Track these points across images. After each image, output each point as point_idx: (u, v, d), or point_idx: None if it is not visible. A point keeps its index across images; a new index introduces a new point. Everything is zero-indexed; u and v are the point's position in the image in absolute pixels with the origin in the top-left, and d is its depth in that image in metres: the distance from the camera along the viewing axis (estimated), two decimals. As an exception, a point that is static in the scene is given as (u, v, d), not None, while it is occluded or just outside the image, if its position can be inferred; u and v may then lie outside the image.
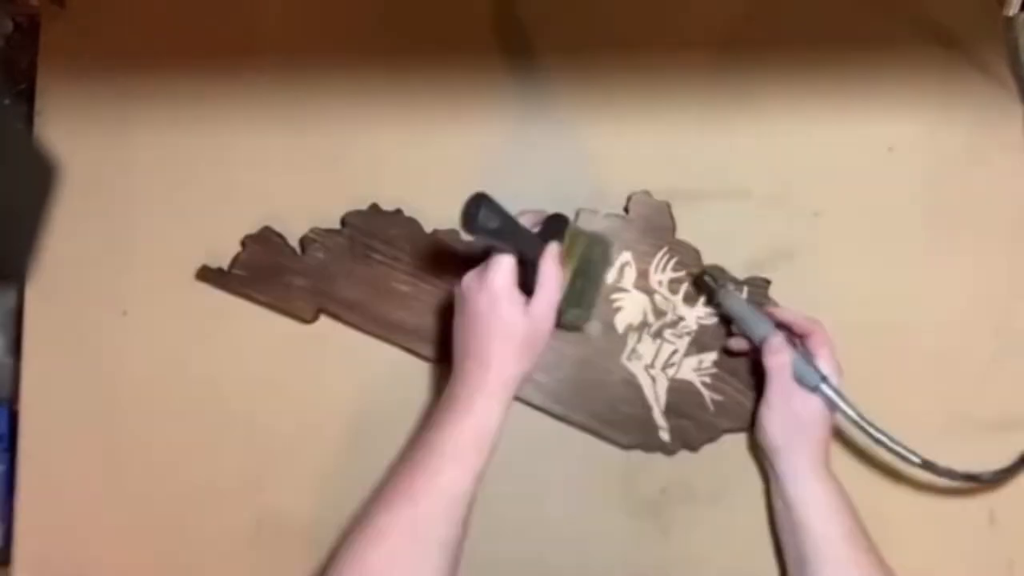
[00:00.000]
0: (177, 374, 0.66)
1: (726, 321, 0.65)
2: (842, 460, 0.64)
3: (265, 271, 0.66)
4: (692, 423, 0.64)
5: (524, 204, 0.67)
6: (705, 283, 0.64)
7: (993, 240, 0.68)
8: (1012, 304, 0.67)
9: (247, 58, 0.70)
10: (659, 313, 0.65)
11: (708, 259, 0.66)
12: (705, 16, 0.70)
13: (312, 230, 0.66)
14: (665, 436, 0.64)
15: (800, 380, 0.59)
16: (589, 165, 0.69)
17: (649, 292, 0.66)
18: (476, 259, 0.58)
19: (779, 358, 0.60)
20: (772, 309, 0.63)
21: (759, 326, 0.61)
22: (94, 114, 0.69)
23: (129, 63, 0.70)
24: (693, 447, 0.64)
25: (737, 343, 0.64)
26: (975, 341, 0.66)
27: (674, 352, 0.65)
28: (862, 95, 0.69)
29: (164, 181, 0.69)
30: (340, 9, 0.71)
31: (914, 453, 0.58)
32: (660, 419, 0.64)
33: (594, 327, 0.65)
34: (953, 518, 0.64)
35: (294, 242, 0.67)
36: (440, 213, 0.66)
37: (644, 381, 0.65)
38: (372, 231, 0.66)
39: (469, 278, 0.57)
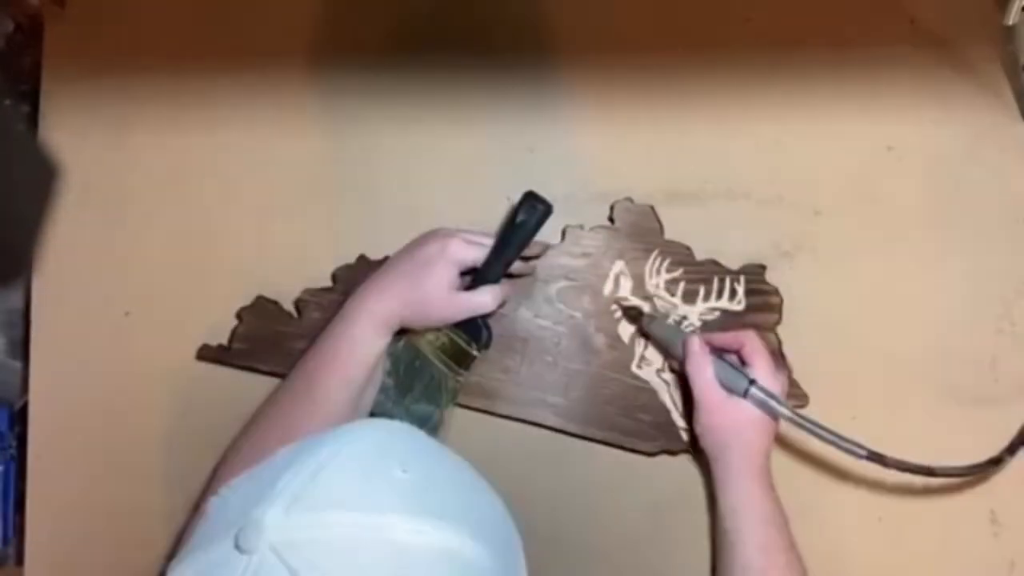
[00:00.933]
0: (179, 374, 0.66)
1: (662, 349, 0.65)
2: (848, 461, 0.64)
3: (265, 340, 0.65)
4: None
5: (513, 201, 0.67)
6: (629, 316, 0.64)
7: (992, 240, 0.68)
8: (1012, 304, 0.67)
9: (248, 59, 0.70)
10: (662, 317, 0.65)
11: (708, 259, 0.66)
12: (705, 16, 0.70)
13: (305, 291, 0.66)
14: (687, 437, 0.64)
15: (729, 387, 0.59)
16: (589, 165, 0.69)
17: (648, 297, 0.66)
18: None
19: (695, 363, 0.60)
20: (702, 334, 0.62)
21: (677, 342, 0.62)
22: (95, 114, 0.69)
23: (130, 64, 0.70)
24: None
25: (671, 363, 0.64)
26: (975, 341, 0.67)
27: None
28: (862, 95, 0.69)
29: (166, 181, 0.69)
30: (341, 9, 0.71)
31: (859, 446, 0.57)
32: (680, 421, 0.64)
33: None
34: (954, 518, 0.64)
35: (289, 306, 0.66)
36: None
37: (658, 386, 0.65)
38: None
39: (446, 229, 0.61)
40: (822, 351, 0.65)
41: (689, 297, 0.66)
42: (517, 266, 0.63)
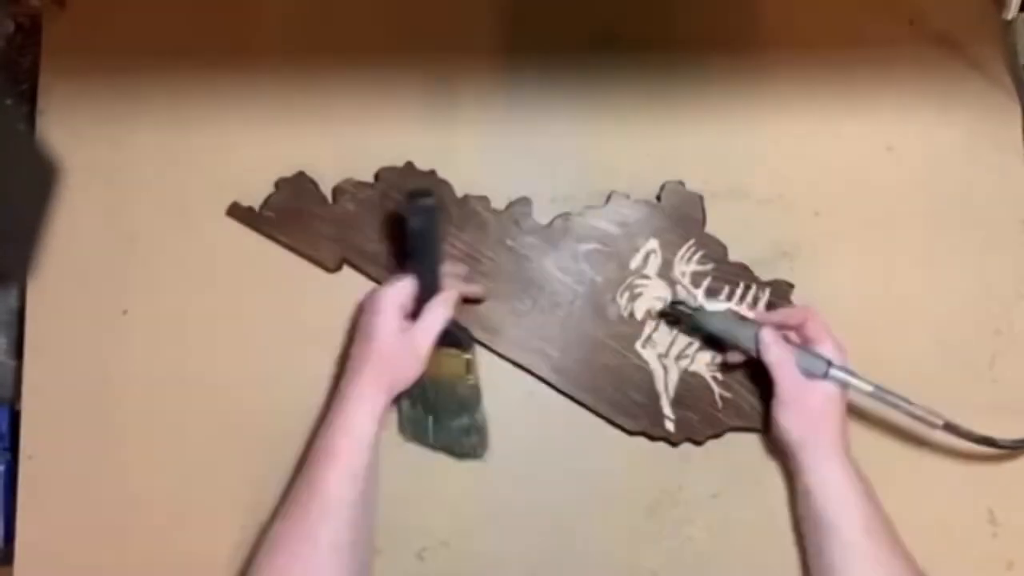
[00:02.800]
0: (177, 373, 0.67)
1: (711, 341, 0.64)
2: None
3: (294, 215, 0.67)
4: (698, 417, 0.64)
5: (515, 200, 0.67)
6: (678, 312, 0.63)
7: (993, 240, 0.68)
8: (1012, 304, 0.67)
9: (248, 57, 0.70)
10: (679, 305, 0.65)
11: (740, 262, 0.66)
12: (705, 16, 0.70)
13: (346, 180, 0.67)
14: (670, 426, 0.64)
15: (808, 372, 0.59)
16: (589, 165, 0.69)
17: (672, 282, 0.66)
18: (503, 225, 0.61)
19: (776, 353, 0.60)
20: (758, 314, 0.63)
21: (745, 332, 0.61)
22: (96, 114, 0.69)
23: (130, 63, 0.70)
24: (698, 441, 0.64)
25: (733, 356, 0.64)
26: (975, 341, 0.67)
27: (689, 344, 0.65)
28: (862, 95, 0.69)
29: (164, 180, 0.69)
30: (341, 7, 0.71)
31: (936, 415, 0.58)
32: (667, 409, 0.64)
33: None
34: (953, 518, 0.64)
35: (327, 191, 0.67)
36: (470, 180, 0.67)
37: (656, 369, 0.65)
38: (404, 189, 0.65)
39: (370, 290, 0.61)
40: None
41: (711, 293, 0.66)
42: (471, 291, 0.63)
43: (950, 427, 0.58)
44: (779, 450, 0.63)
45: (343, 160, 0.68)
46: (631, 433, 0.65)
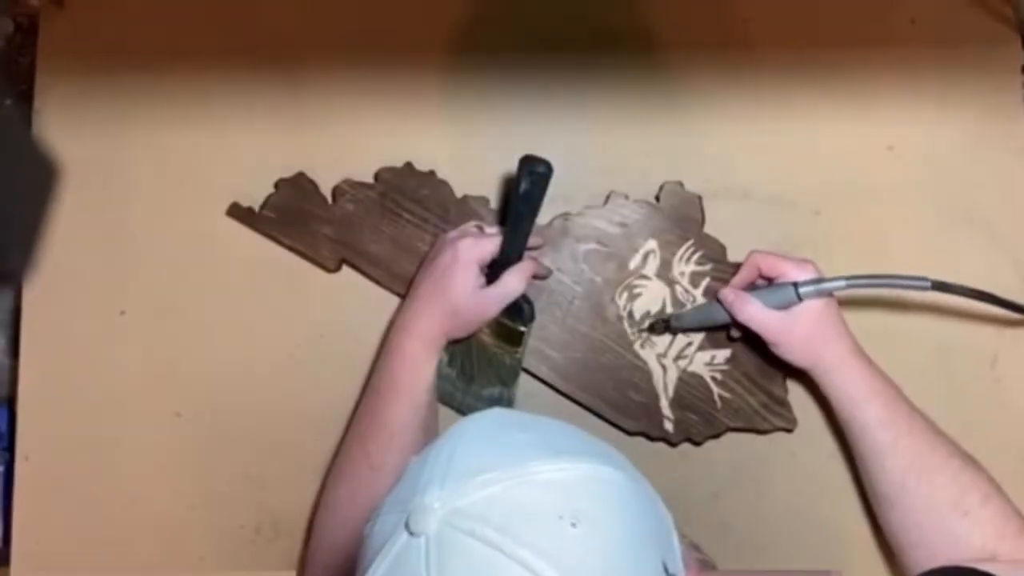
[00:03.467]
0: (175, 374, 0.66)
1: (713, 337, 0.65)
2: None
3: (294, 216, 0.67)
4: (698, 417, 0.64)
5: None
6: (658, 325, 0.64)
7: (993, 239, 0.68)
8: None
9: (247, 57, 0.70)
10: (678, 304, 0.65)
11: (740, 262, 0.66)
12: (705, 16, 0.70)
13: (345, 181, 0.67)
14: (669, 426, 0.64)
15: (783, 306, 0.59)
16: (589, 164, 0.68)
17: (670, 282, 0.66)
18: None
19: (741, 307, 0.59)
20: (723, 290, 0.62)
21: (715, 309, 0.61)
22: (93, 113, 0.69)
23: (128, 62, 0.70)
24: (696, 441, 0.64)
25: (734, 333, 0.64)
26: (976, 341, 0.66)
27: (688, 344, 0.65)
28: (862, 95, 0.69)
29: (162, 180, 0.69)
30: (341, 7, 0.70)
31: (922, 278, 0.57)
32: (666, 409, 0.64)
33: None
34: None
35: (326, 191, 0.67)
36: (469, 180, 0.67)
37: (655, 369, 0.65)
38: (403, 189, 0.66)
39: (454, 232, 0.62)
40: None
41: (709, 293, 0.65)
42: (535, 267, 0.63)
43: (940, 286, 0.57)
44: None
45: (342, 160, 0.68)
46: (630, 433, 0.65)
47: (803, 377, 0.63)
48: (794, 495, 0.64)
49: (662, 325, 0.64)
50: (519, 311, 0.62)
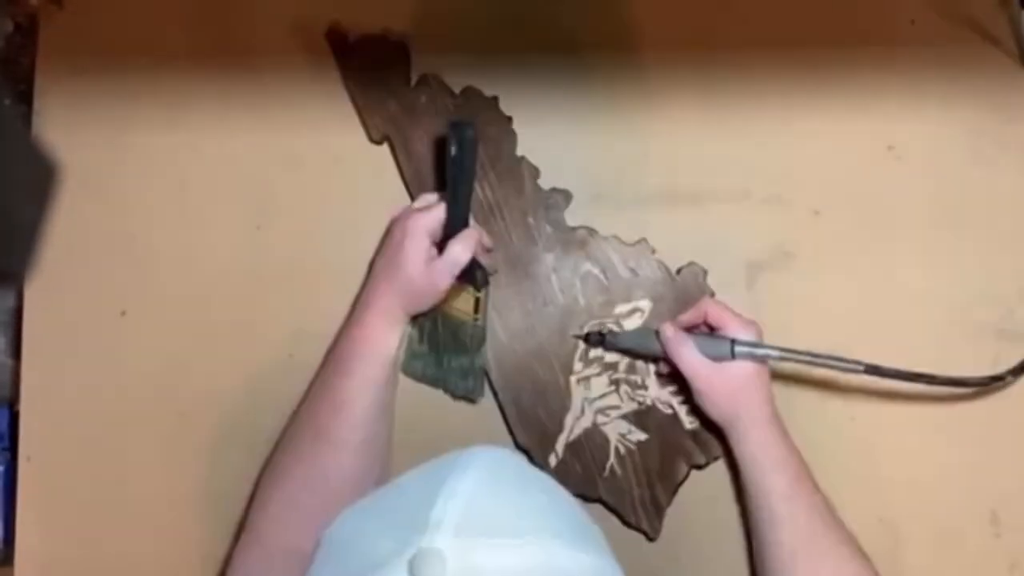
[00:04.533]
0: (176, 375, 0.66)
1: (633, 357, 0.65)
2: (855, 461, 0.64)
3: (375, 72, 0.67)
4: (581, 471, 0.63)
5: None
6: (593, 336, 0.64)
7: (994, 240, 0.68)
8: (1014, 304, 0.67)
9: (246, 58, 0.70)
10: (630, 369, 0.65)
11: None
12: (705, 16, 0.70)
13: (435, 76, 0.68)
14: (552, 461, 0.64)
15: (716, 357, 0.59)
16: (589, 164, 0.68)
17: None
18: (536, 202, 0.60)
19: (676, 348, 0.60)
20: (665, 324, 0.62)
21: (650, 340, 0.62)
22: (93, 114, 0.69)
23: (128, 63, 0.70)
24: (581, 493, 0.63)
25: (661, 368, 0.64)
26: (976, 342, 0.66)
27: (615, 407, 0.65)
28: (862, 94, 0.69)
29: (163, 181, 0.69)
30: (339, 9, 0.70)
31: (856, 362, 0.58)
32: (560, 446, 0.64)
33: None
34: (955, 519, 0.64)
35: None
36: None
37: (575, 407, 0.64)
38: (478, 122, 0.65)
39: (402, 211, 0.63)
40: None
41: (663, 379, 0.65)
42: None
43: (872, 369, 0.58)
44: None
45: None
46: (516, 444, 0.64)
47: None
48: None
49: (597, 337, 0.64)
50: (471, 277, 0.62)
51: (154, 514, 0.65)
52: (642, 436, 0.64)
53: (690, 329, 0.62)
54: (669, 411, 0.64)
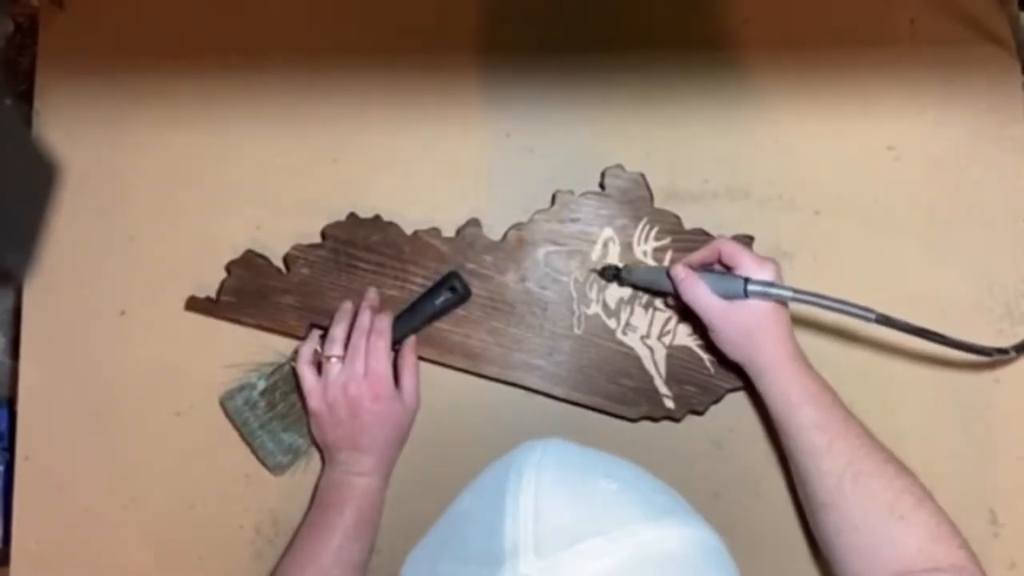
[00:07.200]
0: (175, 375, 0.66)
1: (647, 293, 0.65)
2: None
3: (253, 294, 0.66)
4: (695, 387, 0.65)
5: (519, 200, 0.67)
6: (608, 271, 0.65)
7: (993, 240, 0.68)
8: (1014, 303, 0.67)
9: (246, 58, 0.70)
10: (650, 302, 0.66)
11: (696, 228, 0.67)
12: (705, 16, 0.70)
13: (294, 247, 0.66)
14: (670, 404, 0.65)
15: (728, 295, 0.59)
16: (588, 165, 0.68)
17: (636, 264, 0.66)
18: (459, 250, 0.62)
19: (688, 287, 0.59)
20: (676, 265, 0.61)
21: (661, 278, 0.62)
22: (93, 114, 0.69)
23: (128, 63, 0.70)
24: (699, 411, 0.65)
25: (670, 301, 0.65)
26: (975, 341, 0.66)
27: (668, 320, 0.65)
28: (862, 94, 0.69)
29: (162, 181, 0.69)
30: (340, 9, 0.70)
31: (868, 309, 0.56)
32: (663, 387, 0.65)
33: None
34: (954, 517, 0.64)
35: (278, 262, 0.66)
36: (418, 216, 0.67)
37: (642, 352, 0.65)
38: (353, 240, 0.66)
39: (346, 377, 0.61)
40: (821, 351, 0.65)
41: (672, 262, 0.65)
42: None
43: (884, 319, 0.57)
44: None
45: (288, 227, 0.67)
46: (633, 420, 0.65)
47: (812, 363, 0.62)
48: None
49: (612, 272, 0.64)
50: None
51: (152, 514, 0.65)
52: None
53: (703, 267, 0.61)
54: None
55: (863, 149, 0.69)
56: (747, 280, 0.58)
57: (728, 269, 0.61)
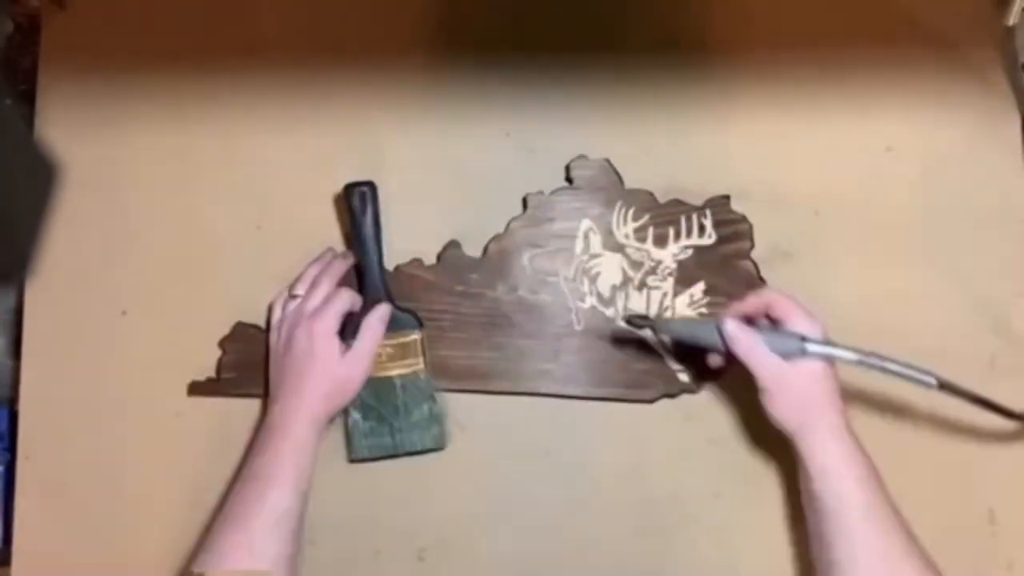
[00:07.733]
0: (176, 375, 0.66)
1: (683, 346, 0.64)
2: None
3: (252, 366, 0.65)
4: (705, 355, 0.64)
5: (517, 201, 0.67)
6: (638, 324, 0.62)
7: (991, 240, 0.68)
8: (1012, 304, 0.67)
9: (247, 58, 0.70)
10: (636, 265, 0.66)
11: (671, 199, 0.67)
12: (704, 16, 0.70)
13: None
14: (684, 377, 0.65)
15: (784, 353, 0.55)
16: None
17: (620, 248, 0.66)
18: (444, 275, 0.62)
19: (743, 343, 0.56)
20: (726, 318, 0.58)
21: (707, 330, 0.58)
22: (94, 113, 0.69)
23: (129, 63, 0.70)
24: (715, 377, 0.65)
25: (713, 360, 0.62)
26: (974, 341, 0.66)
27: (664, 296, 0.66)
28: (861, 95, 0.69)
29: (163, 181, 0.69)
30: (339, 9, 0.71)
31: (929, 374, 0.54)
32: (674, 363, 0.65)
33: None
34: (953, 518, 0.64)
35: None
36: (400, 247, 0.66)
37: (645, 333, 0.65)
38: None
39: (294, 313, 0.61)
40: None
41: (660, 241, 0.66)
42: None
43: (946, 386, 0.54)
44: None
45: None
46: (652, 401, 0.65)
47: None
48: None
49: (640, 320, 0.61)
50: (402, 323, 0.63)
51: (152, 514, 0.65)
52: (700, 286, 0.65)
53: (749, 321, 0.58)
54: (688, 253, 0.66)
55: (862, 150, 0.69)
56: (804, 338, 0.55)
57: (773, 323, 0.58)
